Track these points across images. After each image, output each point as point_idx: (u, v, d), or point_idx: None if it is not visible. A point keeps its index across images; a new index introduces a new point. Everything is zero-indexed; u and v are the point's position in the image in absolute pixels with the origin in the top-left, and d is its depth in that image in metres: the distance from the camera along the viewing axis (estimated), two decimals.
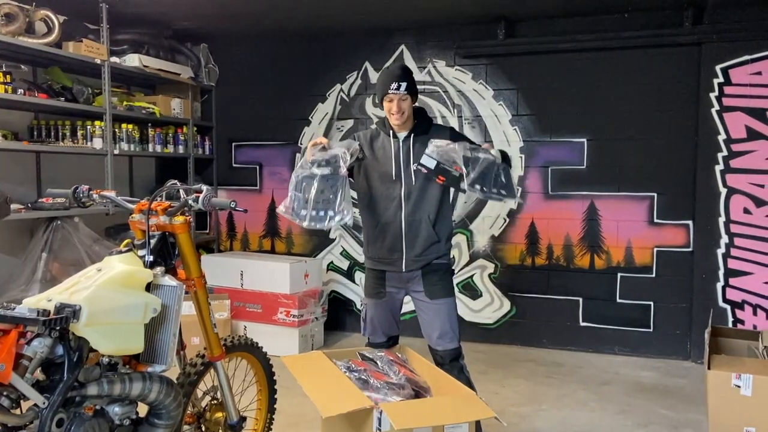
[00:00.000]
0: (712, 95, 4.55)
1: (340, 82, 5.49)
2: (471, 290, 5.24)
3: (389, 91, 2.80)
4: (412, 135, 2.89)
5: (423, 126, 2.92)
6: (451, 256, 3.12)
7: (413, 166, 2.82)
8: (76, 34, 4.47)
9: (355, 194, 2.98)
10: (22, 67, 4.32)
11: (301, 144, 5.65)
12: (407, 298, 3.07)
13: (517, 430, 3.45)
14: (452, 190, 2.93)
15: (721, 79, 4.52)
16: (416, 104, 2.93)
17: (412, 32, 5.24)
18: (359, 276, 5.56)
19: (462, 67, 5.16)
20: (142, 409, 2.05)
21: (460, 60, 5.15)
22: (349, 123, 5.49)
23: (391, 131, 2.91)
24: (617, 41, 4.68)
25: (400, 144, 2.89)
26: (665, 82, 4.68)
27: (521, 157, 5.06)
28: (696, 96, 4.60)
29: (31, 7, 4.11)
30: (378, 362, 2.86)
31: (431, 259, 2.89)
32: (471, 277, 5.24)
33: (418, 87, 2.98)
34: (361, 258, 5.53)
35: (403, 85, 2.79)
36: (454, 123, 5.19)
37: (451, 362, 2.93)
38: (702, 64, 4.55)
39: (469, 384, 2.87)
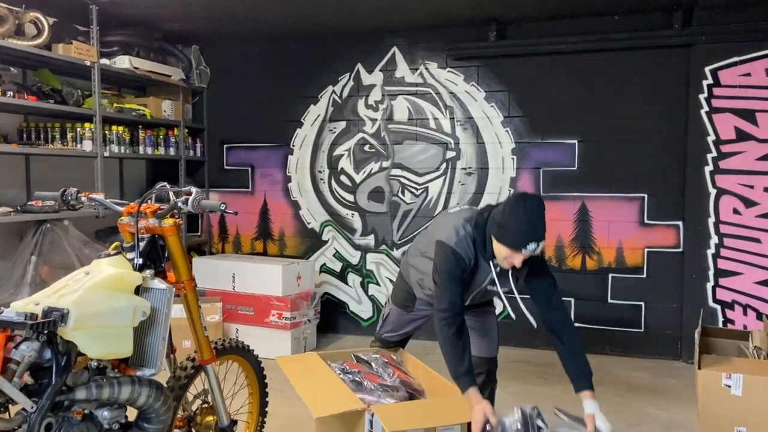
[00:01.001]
0: (702, 96, 4.58)
1: (333, 83, 5.48)
2: None
3: (523, 251, 2.34)
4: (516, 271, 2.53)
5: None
6: None
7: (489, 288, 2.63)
8: (66, 35, 4.44)
9: None
10: (12, 69, 4.29)
11: (293, 145, 5.64)
12: None
13: None
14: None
15: (710, 81, 4.55)
16: None
17: (404, 34, 5.25)
18: (352, 278, 5.55)
19: (454, 69, 5.17)
20: (132, 413, 2.04)
21: (451, 62, 5.16)
22: (342, 125, 5.49)
23: (492, 260, 2.52)
24: (607, 43, 4.70)
25: (498, 273, 2.58)
26: (655, 83, 4.71)
27: (513, 159, 5.08)
28: (685, 97, 4.63)
29: (21, 9, 4.09)
30: (372, 364, 2.86)
31: None
32: None
33: (411, 89, 2.93)
34: (354, 260, 5.53)
35: (542, 245, 2.35)
36: (446, 124, 5.20)
37: (489, 377, 2.87)
38: (691, 65, 4.58)
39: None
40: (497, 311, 5.11)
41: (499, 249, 2.41)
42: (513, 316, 5.15)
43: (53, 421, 1.77)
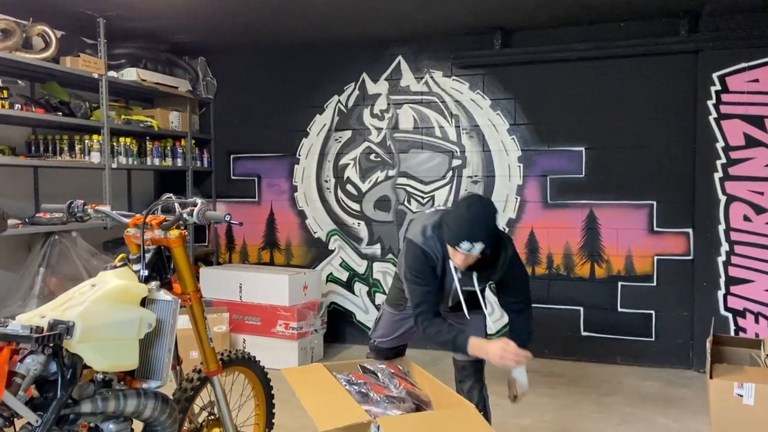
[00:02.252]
0: (710, 103, 4.55)
1: (338, 93, 5.50)
2: None
3: (457, 249, 2.39)
4: (474, 272, 2.60)
5: (488, 259, 2.53)
6: None
7: (464, 288, 2.64)
8: (74, 48, 4.48)
9: None
10: (20, 82, 4.32)
11: (299, 155, 5.65)
12: None
13: None
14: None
15: (718, 87, 4.52)
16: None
17: (409, 43, 5.26)
18: (359, 287, 5.54)
19: (459, 78, 5.17)
20: (138, 426, 2.03)
21: (457, 70, 5.16)
22: (347, 134, 5.49)
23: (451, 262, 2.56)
24: (613, 50, 4.69)
25: (460, 273, 2.61)
26: (662, 90, 4.68)
27: (519, 166, 5.06)
28: (693, 104, 4.60)
29: (28, 23, 4.13)
30: (379, 375, 2.84)
31: None
32: None
33: (416, 98, 2.93)
34: (360, 269, 5.52)
35: (478, 247, 2.36)
36: (452, 133, 5.20)
37: (472, 379, 2.86)
38: (699, 72, 4.56)
39: (484, 407, 2.83)
40: (498, 320, 5.11)
41: (447, 247, 2.49)
42: None
43: None
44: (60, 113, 4.34)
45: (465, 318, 2.73)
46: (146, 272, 2.06)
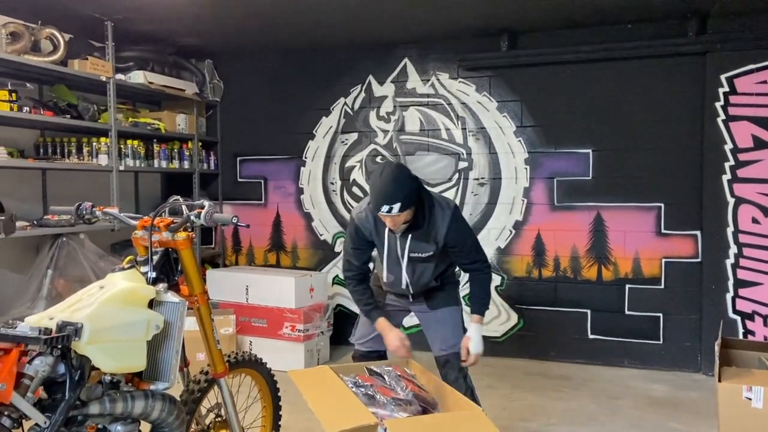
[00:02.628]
0: (718, 105, 4.52)
1: (344, 95, 5.50)
2: None
3: (381, 214, 2.63)
4: (409, 235, 2.77)
5: (420, 221, 2.74)
6: (456, 269, 3.11)
7: (412, 255, 2.82)
8: (82, 51, 4.51)
9: None
10: (28, 85, 4.34)
11: (305, 157, 5.65)
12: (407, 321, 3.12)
13: None
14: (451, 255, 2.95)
15: (726, 89, 4.50)
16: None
17: (415, 45, 5.26)
18: None
19: (465, 80, 5.17)
20: (145, 428, 2.03)
21: (463, 72, 5.16)
22: (353, 136, 5.50)
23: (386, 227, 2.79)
24: (621, 52, 4.67)
25: (398, 240, 2.81)
26: (670, 91, 4.66)
27: (526, 169, 5.05)
28: (701, 105, 4.58)
29: (37, 26, 4.16)
30: (385, 377, 2.83)
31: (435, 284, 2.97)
32: None
33: (422, 100, 2.98)
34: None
35: (396, 207, 2.56)
36: (458, 135, 5.20)
37: (456, 370, 2.93)
38: (707, 73, 4.54)
39: (472, 395, 2.89)
40: (504, 323, 5.09)
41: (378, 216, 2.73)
42: (528, 329, 5.10)
43: None
44: (68, 116, 4.37)
45: (438, 309, 2.97)
46: (154, 274, 2.07)
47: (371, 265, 3.06)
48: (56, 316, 1.78)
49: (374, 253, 3.00)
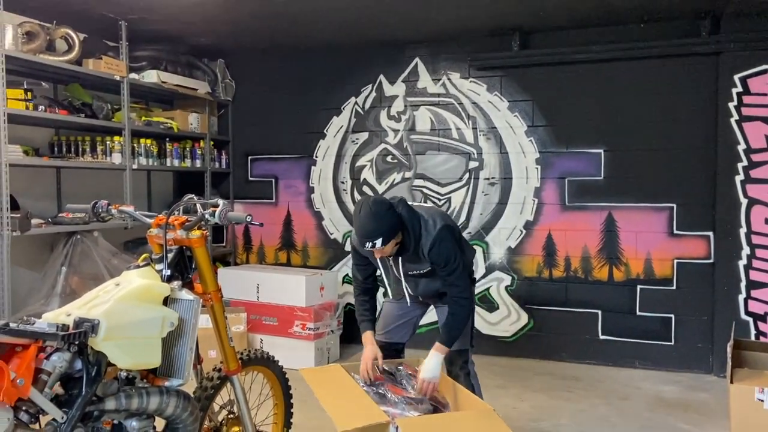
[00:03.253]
0: (731, 105, 4.49)
1: (355, 95, 5.51)
2: (488, 303, 5.20)
3: (366, 249, 2.67)
4: (400, 257, 2.83)
5: (408, 244, 2.75)
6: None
7: (411, 273, 2.89)
8: (96, 51, 4.55)
9: None
10: (43, 84, 4.40)
11: (316, 157, 5.67)
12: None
13: None
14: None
15: (739, 89, 4.47)
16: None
17: (426, 45, 5.26)
18: None
19: (476, 79, 5.16)
20: (160, 424, 2.06)
21: (474, 72, 5.16)
22: (364, 136, 5.51)
23: None
24: (633, 51, 4.65)
25: (391, 261, 2.89)
26: (683, 91, 4.64)
27: (537, 168, 5.04)
28: (714, 106, 4.55)
29: (52, 26, 4.20)
30: (396, 376, 2.85)
31: None
32: (487, 289, 5.21)
33: (433, 99, 2.98)
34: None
35: (378, 242, 2.60)
36: (469, 135, 5.19)
37: (457, 367, 2.96)
38: (720, 73, 4.51)
39: (476, 392, 2.90)
40: (515, 323, 5.09)
41: None
42: (538, 329, 5.09)
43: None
44: (82, 115, 4.41)
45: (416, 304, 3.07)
46: (169, 272, 2.09)
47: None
48: (73, 312, 1.81)
49: None
